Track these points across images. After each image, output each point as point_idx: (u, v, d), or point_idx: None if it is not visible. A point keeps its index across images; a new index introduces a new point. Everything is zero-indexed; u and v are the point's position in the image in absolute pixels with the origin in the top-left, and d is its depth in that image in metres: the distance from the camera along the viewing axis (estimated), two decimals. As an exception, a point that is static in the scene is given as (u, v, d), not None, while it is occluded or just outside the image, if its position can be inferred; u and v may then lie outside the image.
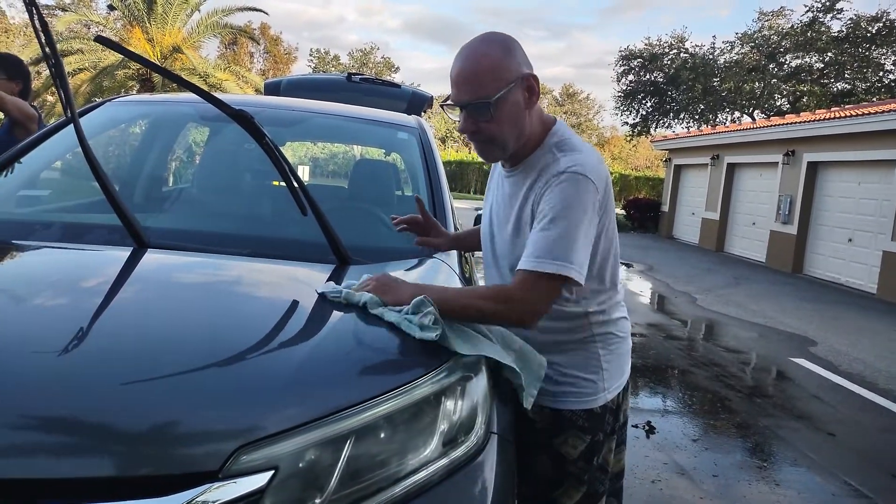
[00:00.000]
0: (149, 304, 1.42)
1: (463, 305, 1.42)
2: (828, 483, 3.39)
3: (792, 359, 6.05)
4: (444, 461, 1.26)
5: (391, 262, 1.92)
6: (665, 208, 19.65)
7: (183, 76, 1.80)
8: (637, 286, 9.89)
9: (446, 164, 41.28)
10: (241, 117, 1.52)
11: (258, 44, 39.61)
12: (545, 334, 1.58)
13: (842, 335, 7.26)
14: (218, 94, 1.95)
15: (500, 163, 1.66)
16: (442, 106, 1.58)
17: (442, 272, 1.91)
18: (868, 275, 10.58)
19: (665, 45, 29.28)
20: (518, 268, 1.41)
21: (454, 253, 2.09)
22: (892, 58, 24.48)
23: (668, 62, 29.10)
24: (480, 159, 1.90)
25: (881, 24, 23.85)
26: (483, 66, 1.42)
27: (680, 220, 18.83)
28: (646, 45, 29.54)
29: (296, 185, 1.63)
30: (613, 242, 1.58)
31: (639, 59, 29.51)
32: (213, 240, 1.86)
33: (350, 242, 1.87)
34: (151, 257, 1.66)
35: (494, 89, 1.41)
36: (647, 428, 3.90)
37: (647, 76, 29.51)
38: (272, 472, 1.04)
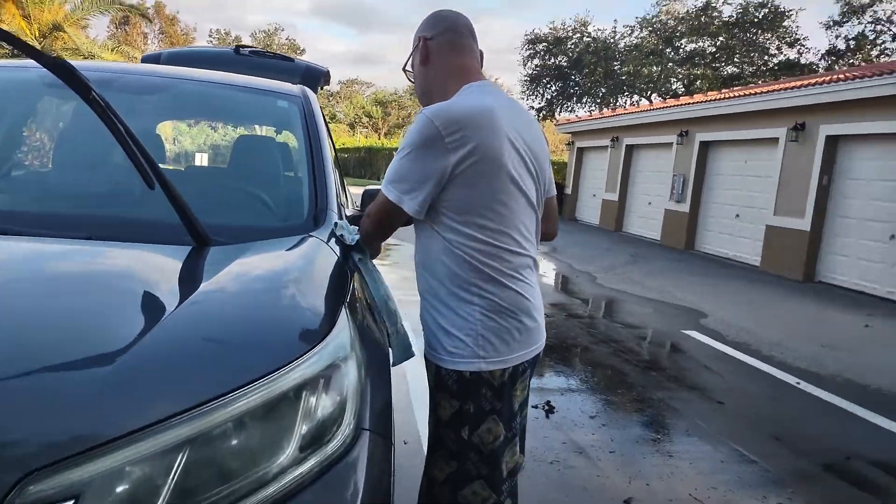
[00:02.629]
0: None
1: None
2: (717, 451, 3.50)
3: (684, 331, 6.29)
4: (305, 467, 1.12)
5: (261, 241, 1.74)
6: (568, 191, 20.14)
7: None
8: (540, 268, 10.05)
9: (355, 150, 40.01)
10: (58, 66, 1.29)
11: (152, 23, 37.25)
12: (431, 277, 1.65)
13: (729, 307, 7.65)
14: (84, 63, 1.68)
15: None
16: None
17: (321, 252, 1.75)
18: (753, 248, 11.23)
19: (569, 28, 29.93)
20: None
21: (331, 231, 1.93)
22: (776, 42, 26.14)
23: (572, 46, 29.78)
24: (391, 145, 2.04)
25: (767, 10, 25.35)
26: None
27: (582, 202, 19.37)
28: (551, 28, 30.08)
29: (136, 151, 1.41)
30: (490, 194, 1.56)
31: (544, 43, 30.01)
32: (46, 222, 1.62)
33: (215, 222, 1.68)
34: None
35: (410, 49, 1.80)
36: (546, 408, 3.90)
37: (552, 60, 30.11)
38: (72, 502, 0.87)
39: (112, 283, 1.36)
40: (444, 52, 1.72)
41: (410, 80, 1.85)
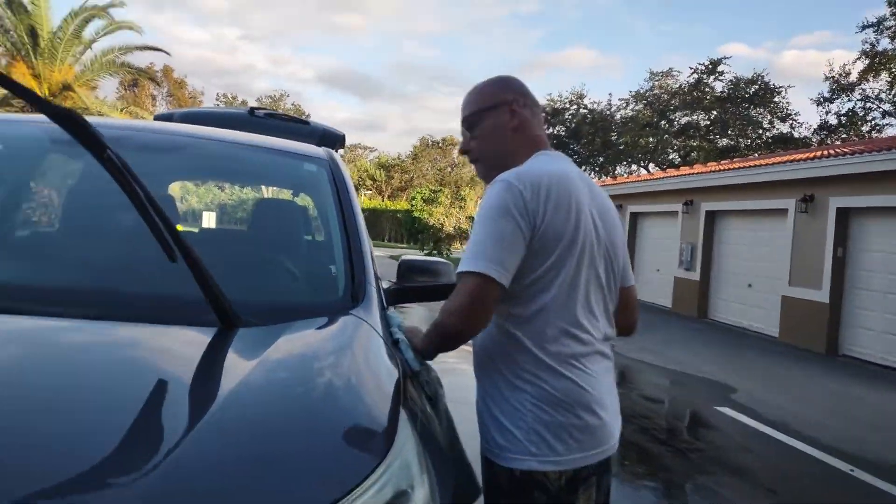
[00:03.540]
0: None
1: (426, 337, 1.52)
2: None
3: (717, 408, 5.91)
4: None
5: (294, 321, 1.46)
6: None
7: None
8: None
9: (358, 212, 40.86)
10: (68, 119, 1.04)
11: (160, 85, 38.06)
12: (489, 360, 1.49)
13: (757, 381, 7.29)
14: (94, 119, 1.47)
15: None
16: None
17: (366, 336, 1.48)
18: (769, 319, 10.93)
19: (566, 100, 30.60)
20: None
21: (375, 310, 1.65)
22: (769, 117, 26.64)
23: (570, 117, 30.38)
24: (395, 207, 1.80)
25: (757, 86, 25.97)
26: (472, 93, 1.68)
27: (587, 268, 19.13)
28: (548, 100, 30.71)
29: (156, 217, 1.16)
30: (561, 266, 1.42)
31: (542, 114, 30.55)
32: (45, 296, 1.34)
33: (242, 298, 1.41)
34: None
35: (475, 109, 1.63)
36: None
37: (551, 130, 30.62)
38: None
39: (117, 388, 1.06)
40: (528, 119, 1.62)
41: (465, 150, 1.68)
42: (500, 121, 1.60)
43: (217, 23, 79.24)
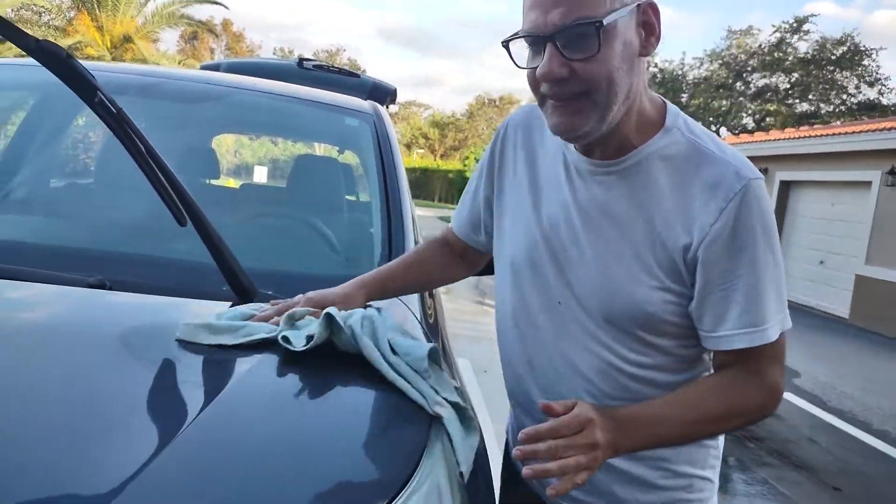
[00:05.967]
0: None
1: (695, 431, 0.99)
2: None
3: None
4: None
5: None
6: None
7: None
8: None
9: (410, 171, 40.48)
10: (47, 54, 0.87)
11: (219, 39, 38.47)
12: None
13: (822, 365, 6.87)
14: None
15: (551, 148, 1.09)
16: (506, 45, 0.96)
17: (392, 313, 1.30)
18: (840, 299, 10.32)
19: (633, 59, 29.30)
20: (752, 344, 0.98)
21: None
22: (855, 81, 24.86)
23: (637, 76, 29.13)
24: (447, 167, 1.34)
25: (845, 48, 24.21)
26: None
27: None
28: (615, 58, 29.47)
29: (159, 174, 1.01)
30: None
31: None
32: (40, 257, 1.23)
33: (264, 267, 1.27)
34: None
35: (606, 8, 0.87)
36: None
37: (615, 90, 29.46)
38: None
39: (103, 377, 0.91)
40: (657, 31, 0.95)
41: (584, 59, 0.87)
42: (630, 36, 0.90)
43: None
